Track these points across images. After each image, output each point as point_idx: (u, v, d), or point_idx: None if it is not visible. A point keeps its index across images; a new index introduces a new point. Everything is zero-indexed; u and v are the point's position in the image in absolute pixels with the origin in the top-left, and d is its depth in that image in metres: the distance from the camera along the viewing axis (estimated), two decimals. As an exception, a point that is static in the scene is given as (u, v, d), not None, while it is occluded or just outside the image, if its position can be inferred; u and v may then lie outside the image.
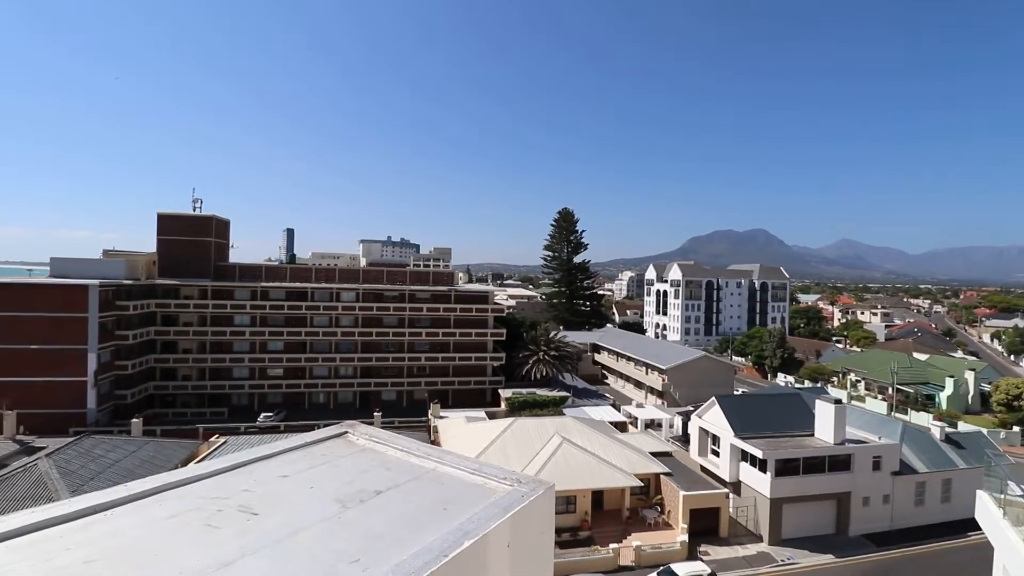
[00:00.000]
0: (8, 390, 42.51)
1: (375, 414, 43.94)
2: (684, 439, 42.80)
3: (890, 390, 64.65)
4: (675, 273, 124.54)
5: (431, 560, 2.41)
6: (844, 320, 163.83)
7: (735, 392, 58.09)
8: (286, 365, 55.77)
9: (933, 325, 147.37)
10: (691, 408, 44.91)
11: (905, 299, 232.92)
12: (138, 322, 51.45)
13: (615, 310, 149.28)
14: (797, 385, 70.78)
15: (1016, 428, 53.02)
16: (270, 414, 50.42)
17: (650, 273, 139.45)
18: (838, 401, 33.44)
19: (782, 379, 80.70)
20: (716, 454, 35.17)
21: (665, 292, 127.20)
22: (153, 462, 29.27)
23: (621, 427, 44.14)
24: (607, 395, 60.92)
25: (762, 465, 31.29)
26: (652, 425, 47.40)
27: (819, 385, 68.08)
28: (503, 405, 49.46)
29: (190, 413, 52.53)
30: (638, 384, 69.86)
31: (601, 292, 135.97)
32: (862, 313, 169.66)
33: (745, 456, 32.83)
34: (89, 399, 45.99)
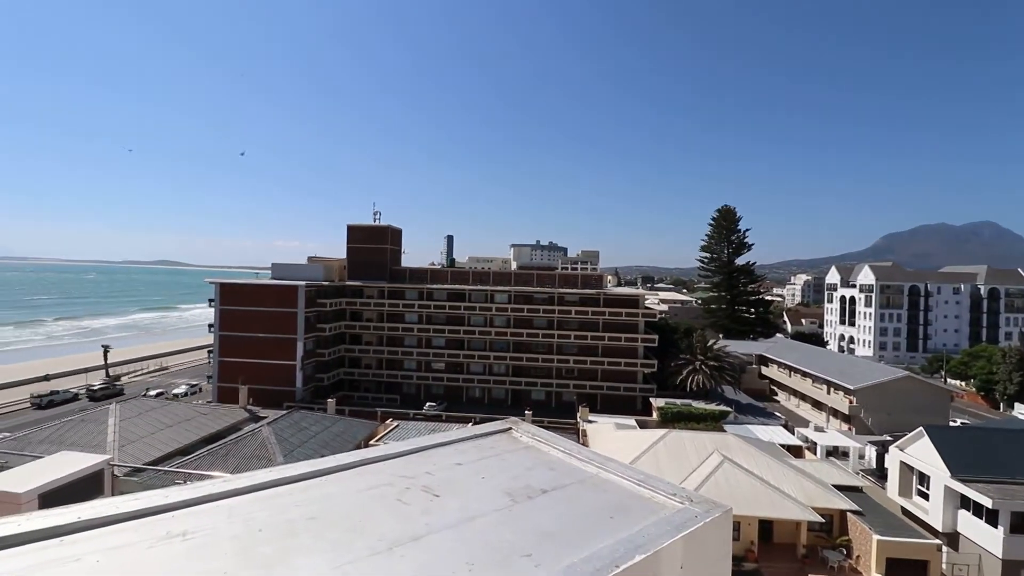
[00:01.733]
0: (242, 369, 53.63)
1: (526, 412, 45.50)
2: (879, 474, 36.33)
3: None
4: (866, 276, 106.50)
5: (602, 568, 2.33)
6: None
7: (951, 422, 47.50)
8: (447, 360, 60.87)
9: None
10: (888, 438, 37.93)
11: None
12: (332, 317, 60.79)
13: (786, 318, 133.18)
14: (1047, 420, 55.06)
15: None
16: (434, 404, 55.44)
17: (832, 276, 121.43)
18: (1116, 446, 25.23)
19: (1021, 411, 63.64)
20: (924, 496, 29.09)
21: (852, 299, 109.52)
22: (343, 437, 34.19)
23: (795, 452, 39.11)
24: (777, 414, 54.53)
25: (991, 516, 25.04)
26: (835, 453, 41.09)
27: (1083, 423, 52.07)
28: (654, 415, 47.39)
29: (370, 397, 60.32)
30: (816, 404, 61.25)
31: (769, 298, 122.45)
32: None
33: (966, 503, 26.59)
34: (297, 379, 55.63)
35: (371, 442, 33.80)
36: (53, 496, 6.01)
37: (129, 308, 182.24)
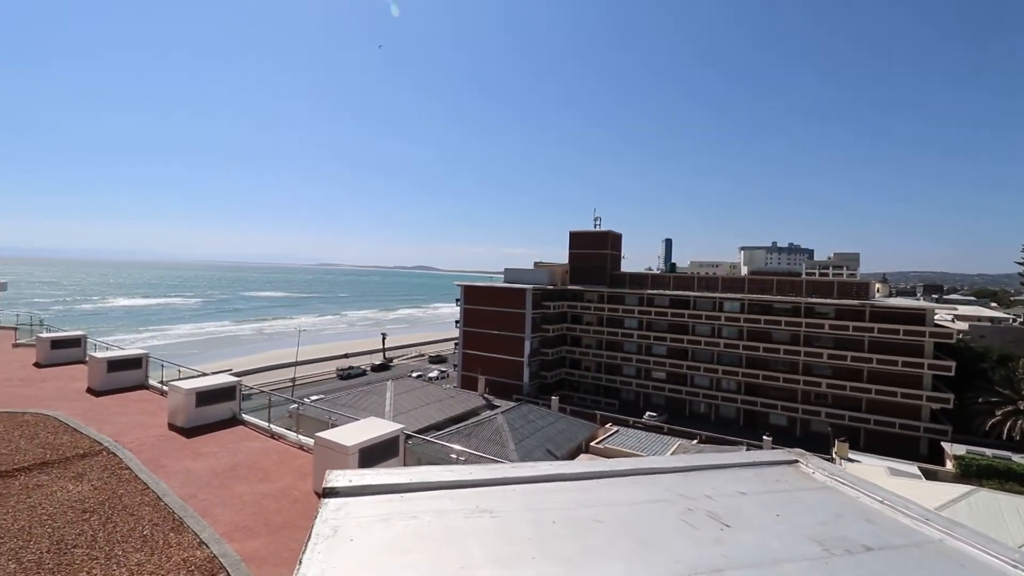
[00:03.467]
0: (480, 361, 60.76)
1: (764, 438, 40.18)
2: None
3: None
4: None
5: None
6: None
7: None
8: (668, 370, 58.14)
9: None
10: None
11: None
12: (555, 319, 64.17)
13: None
14: None
15: None
16: (654, 414, 53.54)
17: None
18: None
19: None
20: None
21: None
22: (566, 434, 35.63)
23: None
24: None
25: None
26: None
27: None
28: (949, 464, 36.63)
29: (589, 399, 61.62)
30: None
31: None
32: None
33: None
34: (524, 375, 60.33)
35: (592, 444, 34.42)
36: (367, 452, 7.59)
37: (398, 304, 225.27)
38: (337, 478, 3.22)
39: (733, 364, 54.49)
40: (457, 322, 67.36)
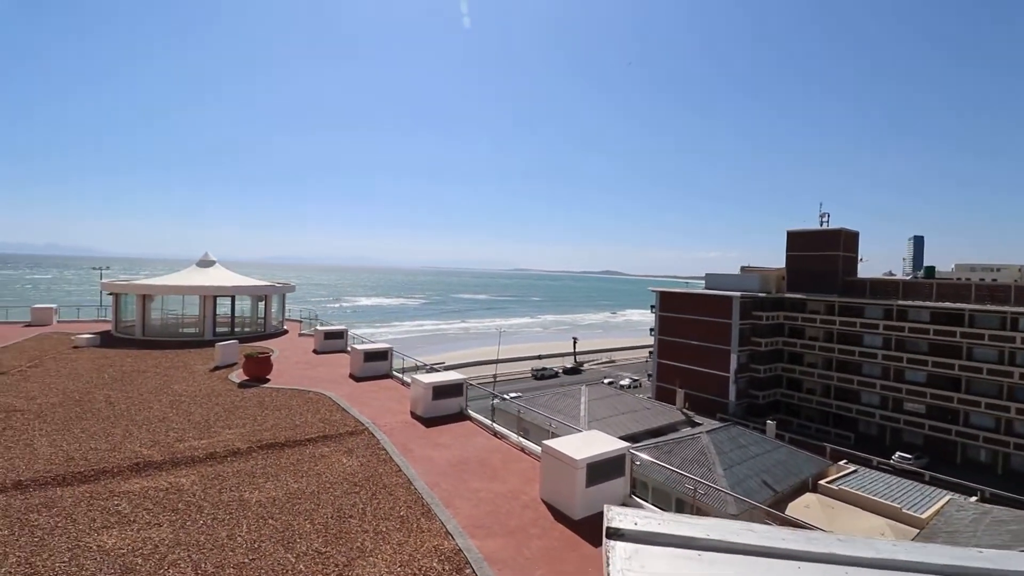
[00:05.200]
0: (679, 373, 57.04)
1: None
2: None
3: None
4: None
5: None
6: None
7: None
8: (930, 402, 46.23)
9: None
10: None
11: None
12: (768, 332, 56.68)
13: None
14: None
15: None
16: (908, 456, 43.13)
17: None
18: None
19: None
20: None
21: None
22: (786, 466, 30.91)
23: None
24: None
25: None
26: None
27: None
28: None
29: (813, 428, 52.76)
30: None
31: None
32: None
33: None
34: (730, 392, 54.64)
35: (822, 483, 29.13)
36: (594, 467, 7.33)
37: (588, 309, 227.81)
38: (620, 517, 2.83)
39: (1036, 402, 40.71)
40: (652, 330, 64.68)
